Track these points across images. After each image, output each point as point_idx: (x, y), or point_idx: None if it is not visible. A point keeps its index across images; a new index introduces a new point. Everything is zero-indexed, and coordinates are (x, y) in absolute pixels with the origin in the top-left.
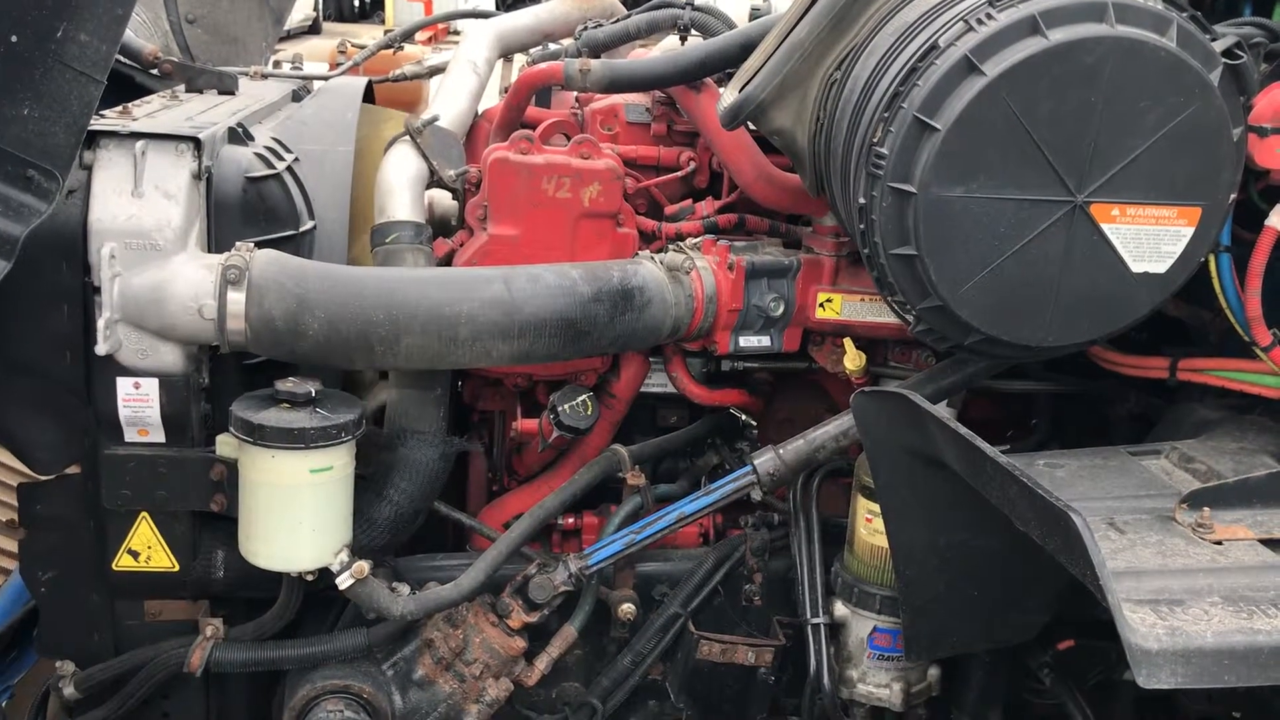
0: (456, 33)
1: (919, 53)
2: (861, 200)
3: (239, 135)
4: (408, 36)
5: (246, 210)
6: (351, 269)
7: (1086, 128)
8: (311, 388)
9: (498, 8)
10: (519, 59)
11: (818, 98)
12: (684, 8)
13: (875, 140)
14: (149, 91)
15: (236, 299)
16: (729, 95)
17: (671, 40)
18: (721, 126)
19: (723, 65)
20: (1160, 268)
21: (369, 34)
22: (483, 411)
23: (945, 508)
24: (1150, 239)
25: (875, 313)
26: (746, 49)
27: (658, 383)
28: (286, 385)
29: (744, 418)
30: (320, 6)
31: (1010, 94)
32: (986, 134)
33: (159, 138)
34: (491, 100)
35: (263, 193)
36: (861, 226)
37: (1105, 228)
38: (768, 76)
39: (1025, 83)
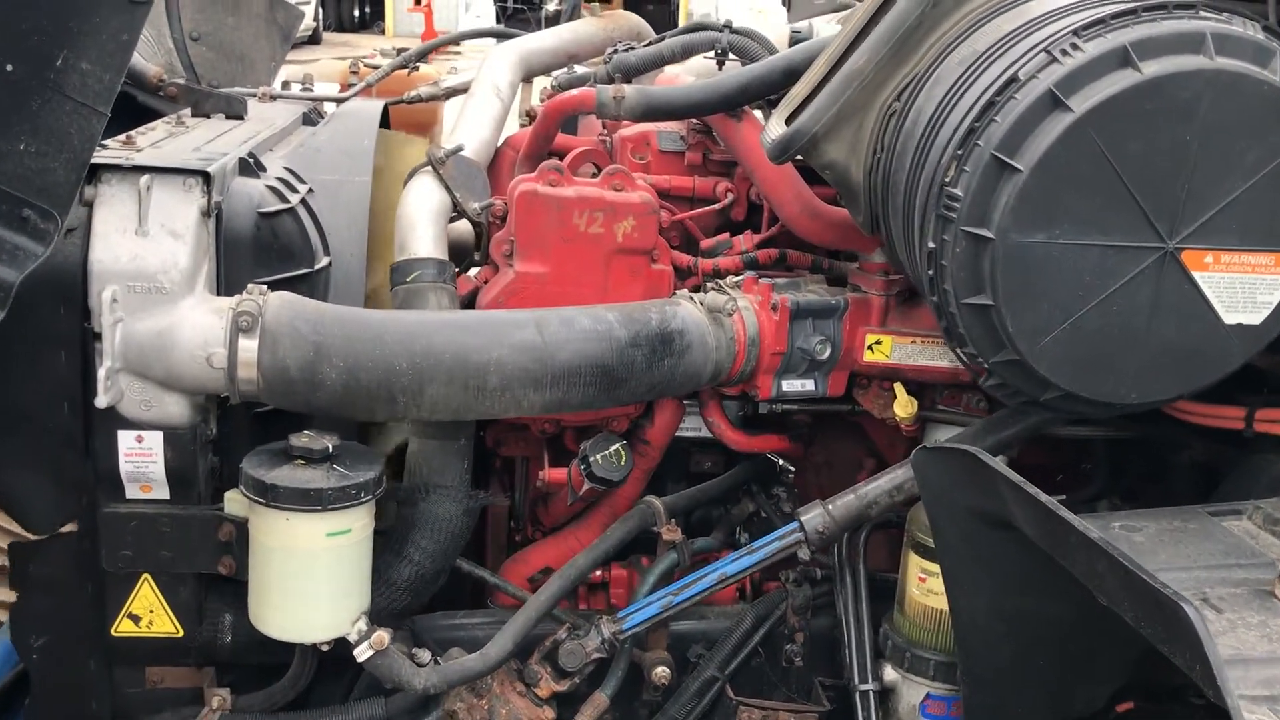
0: (457, 42)
1: (996, 85)
2: (931, 244)
3: (250, 166)
4: (422, 56)
5: (259, 248)
6: (371, 313)
7: (1180, 169)
8: (329, 443)
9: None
10: (539, 81)
11: (875, 129)
12: (722, 30)
13: (947, 180)
14: (153, 112)
15: (248, 347)
16: (775, 126)
17: (703, 62)
18: (769, 160)
19: (764, 92)
20: (1255, 319)
21: (369, 44)
22: (506, 457)
23: (1013, 572)
24: (1245, 288)
25: (927, 356)
26: (790, 75)
27: (691, 426)
28: (301, 440)
29: (781, 462)
30: (320, 16)
31: (1099, 132)
32: (1071, 175)
33: (165, 172)
34: (510, 126)
35: (276, 229)
36: (930, 272)
37: (1197, 276)
38: (822, 107)
39: (1115, 120)
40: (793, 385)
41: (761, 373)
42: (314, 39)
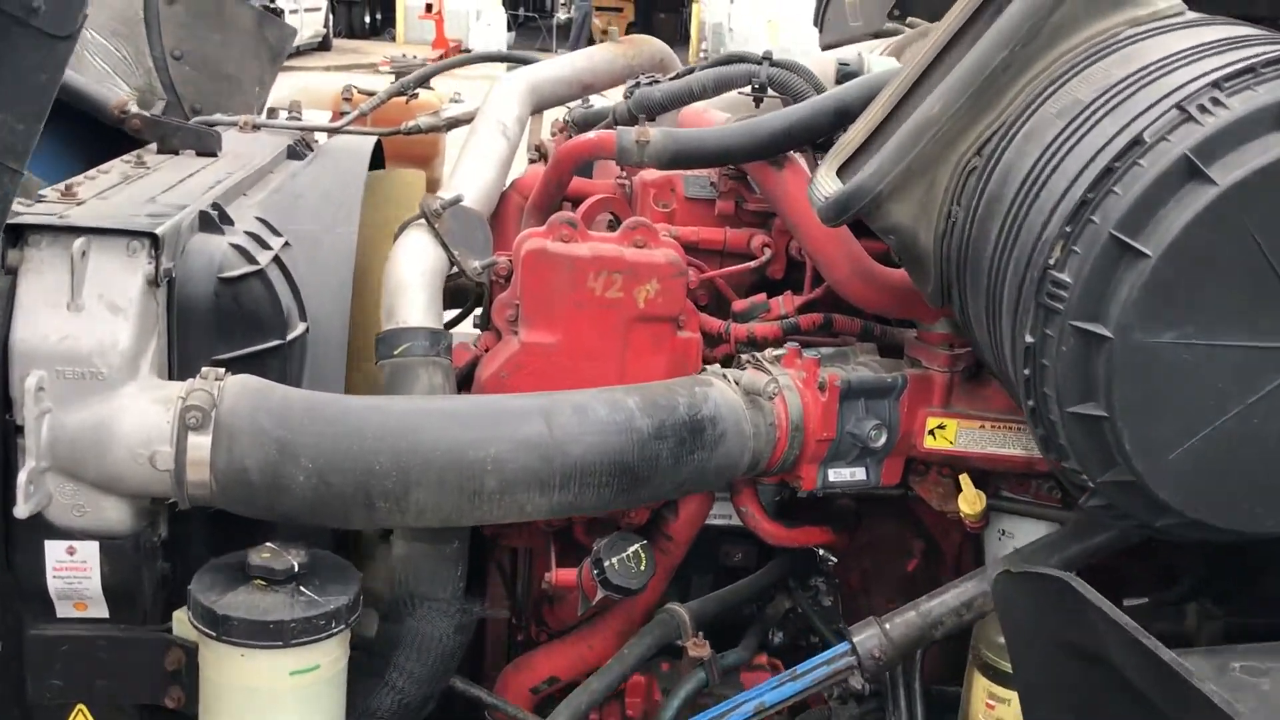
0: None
1: (1114, 148)
2: (1029, 339)
3: (212, 221)
4: (422, 82)
5: (220, 319)
6: (348, 401)
7: None
8: (294, 560)
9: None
10: (551, 112)
11: (950, 188)
12: (760, 63)
13: (1052, 263)
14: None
15: (200, 444)
16: (826, 180)
17: (734, 96)
18: (821, 221)
19: (811, 137)
20: None
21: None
22: (508, 547)
23: (1105, 710)
24: None
25: (998, 443)
26: (841, 118)
27: (720, 513)
28: (262, 558)
29: (822, 551)
30: (331, 23)
31: (1246, 209)
32: (1210, 262)
33: (104, 233)
34: (519, 161)
35: (240, 296)
36: (1026, 371)
37: None
38: (888, 162)
39: (1267, 195)
40: (841, 474)
41: (805, 461)
42: (324, 45)
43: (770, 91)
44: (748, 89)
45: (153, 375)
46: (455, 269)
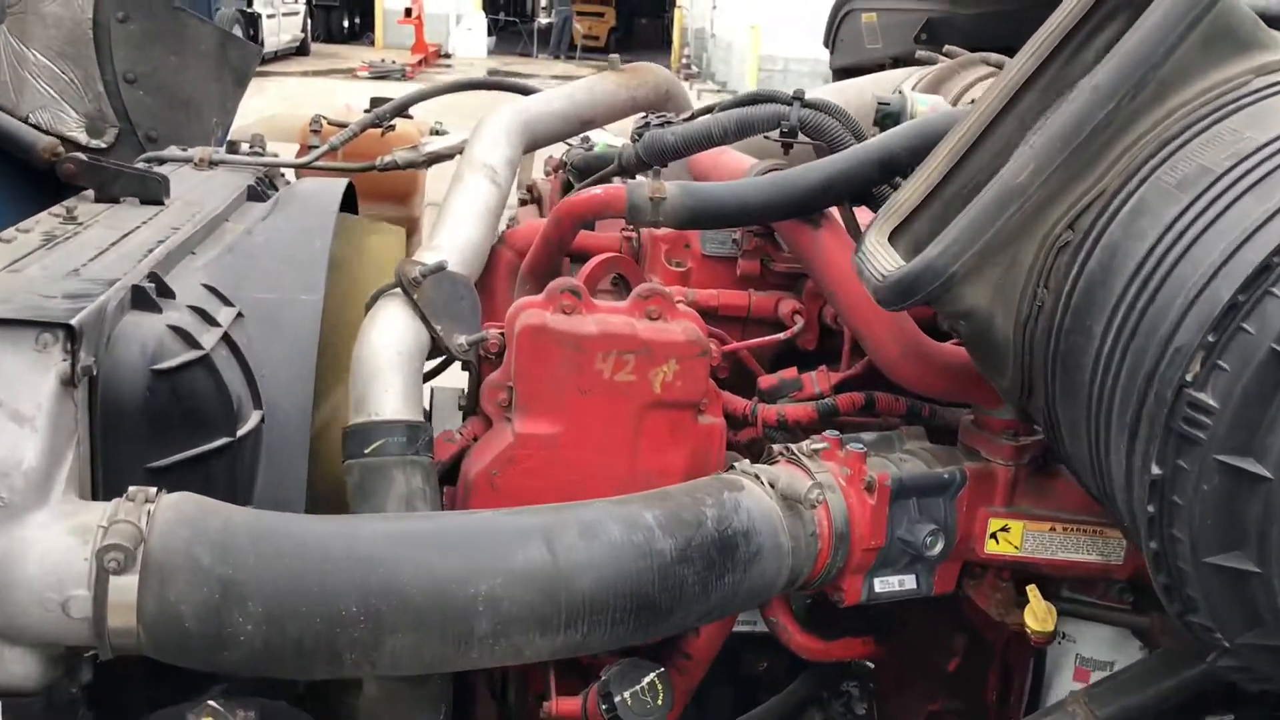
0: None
1: (1269, 235)
2: (1156, 470)
3: (147, 298)
4: (399, 112)
5: (154, 420)
6: (306, 525)
7: None
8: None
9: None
10: (543, 149)
11: (1035, 268)
12: (790, 103)
13: (1189, 379)
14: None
15: (125, 586)
16: (880, 250)
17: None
18: (878, 304)
19: (854, 192)
20: None
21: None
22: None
23: None
24: None
25: (1070, 547)
26: (887, 170)
27: (745, 619)
28: None
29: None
30: (309, 27)
31: None
32: None
33: (6, 324)
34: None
35: (179, 390)
36: (1150, 509)
37: None
38: (966, 237)
39: None
40: (888, 584)
41: (849, 573)
42: (302, 50)
43: (802, 136)
44: (774, 133)
45: (70, 495)
46: (437, 346)
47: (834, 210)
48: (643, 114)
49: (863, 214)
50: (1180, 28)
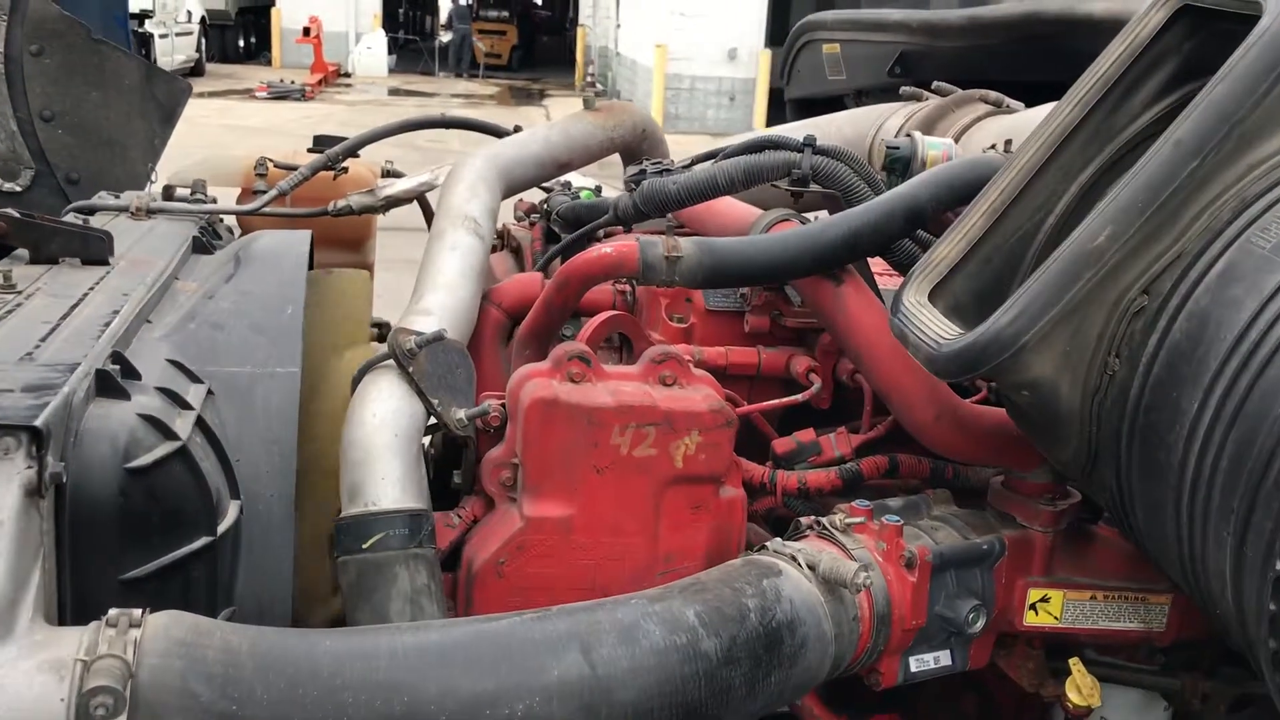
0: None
1: None
2: None
3: (114, 382)
4: (351, 153)
5: (129, 526)
6: (314, 644)
7: None
8: None
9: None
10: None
11: (1106, 335)
12: (801, 150)
13: None
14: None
15: None
16: (927, 319)
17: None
18: (937, 375)
19: (880, 245)
20: None
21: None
22: None
23: None
24: None
25: (1111, 616)
26: (913, 221)
27: None
28: None
29: None
30: (204, 47)
31: None
32: None
33: None
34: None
35: (156, 489)
36: (1273, 607)
37: None
38: (1037, 305)
39: None
40: (924, 663)
41: (888, 654)
42: (197, 70)
43: (814, 185)
44: (783, 181)
45: (37, 621)
46: (434, 420)
47: (854, 268)
48: (637, 162)
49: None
50: (1271, 77)
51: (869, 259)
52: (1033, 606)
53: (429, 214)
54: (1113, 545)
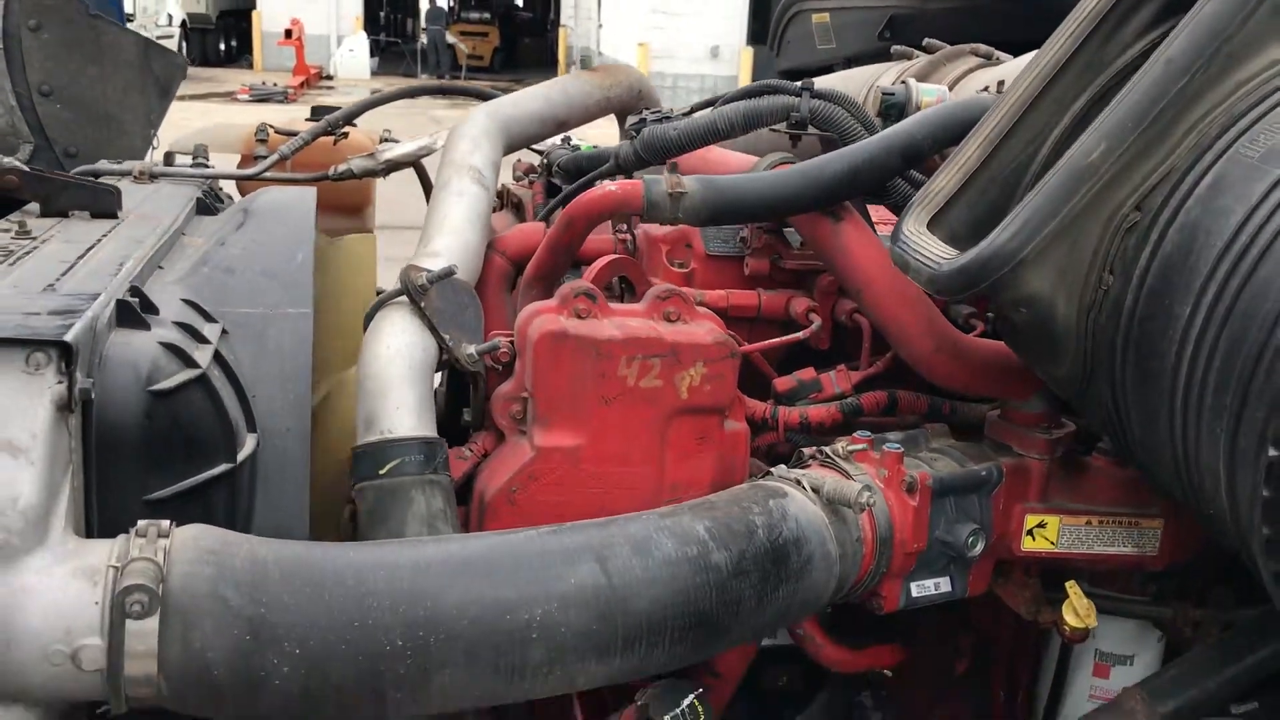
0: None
1: None
2: (1274, 451)
3: (134, 313)
4: (352, 119)
5: (153, 445)
6: (339, 554)
7: None
8: None
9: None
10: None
11: (1100, 251)
12: (799, 94)
13: None
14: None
15: (144, 632)
16: (921, 237)
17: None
18: (935, 293)
19: (879, 181)
20: None
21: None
22: None
23: None
24: None
25: (1106, 540)
26: (910, 159)
27: None
28: None
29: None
30: (184, 49)
31: None
32: None
33: None
34: None
35: (178, 412)
36: (1266, 493)
37: None
38: (1037, 219)
39: None
40: (925, 589)
41: (890, 578)
42: None
43: (812, 129)
44: (781, 125)
45: (68, 534)
46: (446, 357)
47: (851, 205)
48: (637, 113)
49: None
50: None
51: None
52: (1030, 532)
53: (426, 183)
54: (1106, 473)
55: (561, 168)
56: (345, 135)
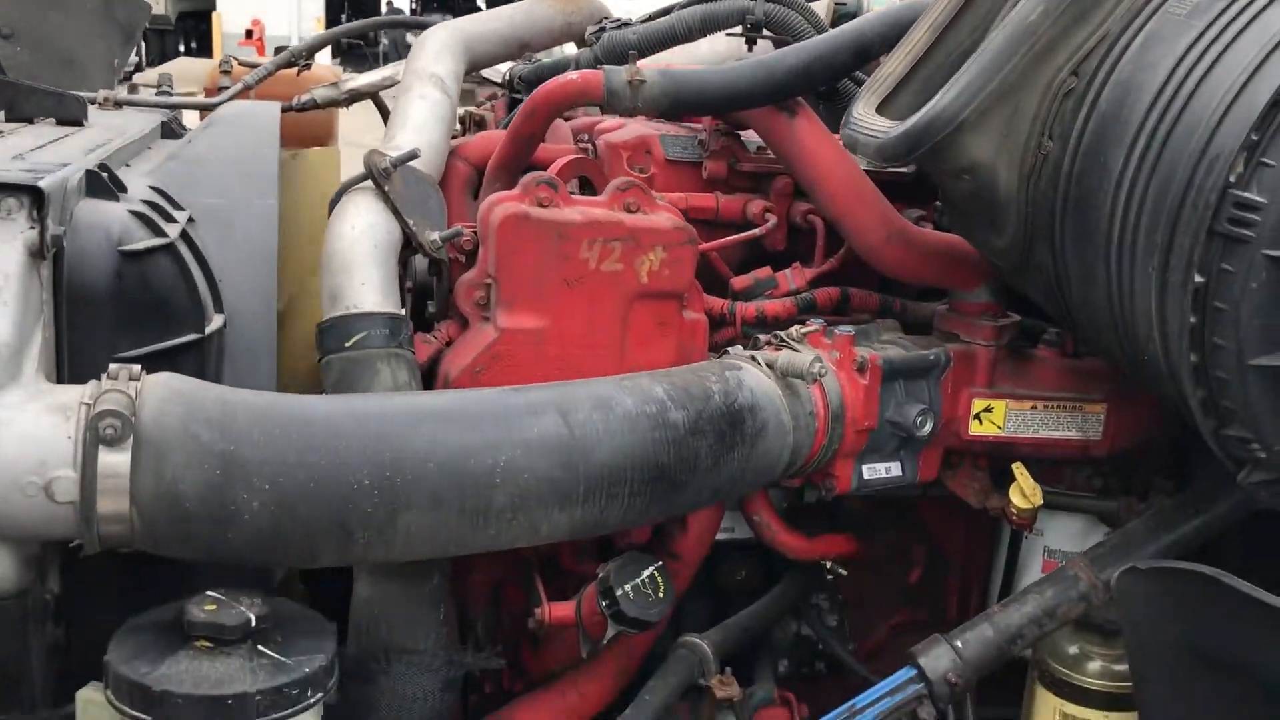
0: (284, 48)
1: None
2: (1198, 279)
3: (104, 183)
4: (314, 53)
5: (123, 305)
6: (308, 401)
7: None
8: (250, 611)
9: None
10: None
11: (1039, 117)
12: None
13: (1233, 180)
14: None
15: (116, 464)
16: (869, 117)
17: (707, 48)
18: (880, 161)
19: (832, 76)
20: None
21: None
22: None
23: None
24: None
25: (1050, 425)
26: (861, 55)
27: (722, 524)
28: (205, 611)
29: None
30: (144, 53)
31: None
32: None
33: None
34: None
35: (148, 276)
36: (1192, 319)
37: None
38: (974, 84)
39: None
40: (876, 471)
41: (841, 457)
42: (137, 72)
43: (766, 33)
44: (737, 29)
45: (39, 376)
46: (410, 242)
47: (803, 100)
48: (596, 23)
49: None
50: None
51: None
52: (977, 416)
53: (386, 115)
54: (1050, 362)
55: (523, 79)
56: (308, 67)
